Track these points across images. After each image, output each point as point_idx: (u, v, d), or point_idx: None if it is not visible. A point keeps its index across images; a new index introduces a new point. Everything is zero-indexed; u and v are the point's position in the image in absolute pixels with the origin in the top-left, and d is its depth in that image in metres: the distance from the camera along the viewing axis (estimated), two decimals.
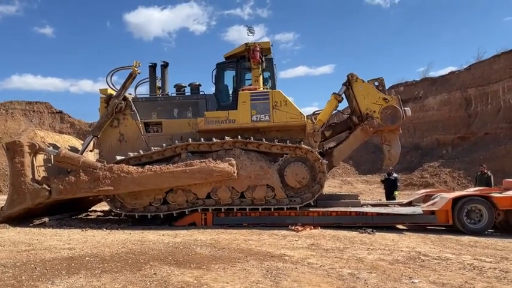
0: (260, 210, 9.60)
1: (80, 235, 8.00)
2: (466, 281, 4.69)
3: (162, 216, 9.78)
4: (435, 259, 5.92)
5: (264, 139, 9.92)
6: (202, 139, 9.97)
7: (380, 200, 13.86)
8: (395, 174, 12.48)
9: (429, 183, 24.60)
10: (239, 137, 9.91)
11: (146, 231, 8.51)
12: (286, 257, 5.90)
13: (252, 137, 9.97)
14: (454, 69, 38.89)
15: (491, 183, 11.89)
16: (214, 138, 9.91)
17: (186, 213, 9.69)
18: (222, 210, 9.68)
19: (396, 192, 12.20)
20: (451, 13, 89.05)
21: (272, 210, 9.60)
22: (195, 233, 8.19)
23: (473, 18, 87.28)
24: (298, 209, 9.56)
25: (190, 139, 10.01)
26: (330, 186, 26.44)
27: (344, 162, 38.02)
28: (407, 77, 58.11)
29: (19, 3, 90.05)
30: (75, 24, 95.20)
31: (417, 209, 9.38)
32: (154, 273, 4.82)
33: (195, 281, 4.51)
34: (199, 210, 9.66)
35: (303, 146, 9.78)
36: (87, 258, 5.63)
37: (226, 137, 9.89)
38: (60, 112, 37.69)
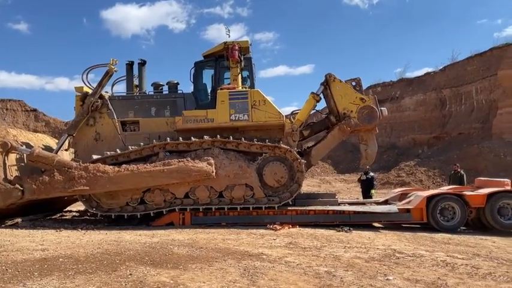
0: (239, 209, 9.56)
1: (54, 236, 7.79)
2: (438, 277, 4.80)
3: (139, 216, 9.61)
4: (410, 256, 6.03)
5: (242, 138, 9.89)
6: (180, 138, 9.86)
7: (357, 198, 14.05)
8: (371, 173, 12.68)
9: (405, 182, 25.11)
10: (218, 136, 9.85)
11: (123, 232, 8.37)
12: (264, 256, 5.90)
13: (230, 137, 9.91)
14: (430, 70, 39.89)
15: (464, 182, 12.21)
16: (192, 138, 9.81)
17: (164, 213, 9.57)
18: (200, 210, 9.58)
19: (373, 191, 12.39)
20: (427, 15, 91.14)
21: (251, 209, 9.57)
22: (173, 233, 8.10)
23: (449, 21, 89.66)
24: (276, 208, 9.57)
25: (168, 138, 9.89)
26: (309, 186, 26.65)
27: (322, 161, 38.44)
28: (385, 77, 59.23)
29: None
30: (50, 20, 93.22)
31: (393, 208, 9.55)
32: (130, 274, 4.74)
33: (172, 281, 4.45)
34: (176, 210, 9.55)
35: (281, 145, 9.80)
36: (60, 260, 5.49)
37: (205, 136, 9.81)
38: (35, 110, 36.75)
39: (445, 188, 10.79)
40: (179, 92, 11.06)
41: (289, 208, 9.60)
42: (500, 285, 4.53)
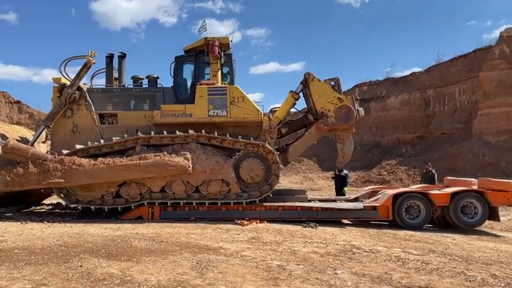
0: (207, 204, 9.69)
1: (17, 228, 7.82)
2: (385, 272, 5.01)
3: (106, 210, 9.68)
4: (366, 252, 6.24)
5: (215, 133, 10.00)
6: (165, 132, 9.92)
7: (329, 195, 14.31)
8: (345, 171, 12.92)
9: (386, 181, 25.50)
10: (191, 131, 9.92)
11: (89, 225, 8.42)
12: (222, 250, 6.04)
13: (203, 131, 9.97)
14: (415, 70, 40.42)
15: (435, 181, 12.53)
16: (165, 132, 9.89)
17: (132, 207, 9.63)
18: (169, 204, 9.68)
19: (346, 188, 12.63)
20: (418, 15, 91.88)
21: (219, 204, 9.71)
22: (139, 227, 8.19)
23: (438, 21, 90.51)
24: (244, 204, 9.73)
25: (152, 132, 9.90)
26: (292, 182, 26.92)
27: (308, 159, 38.79)
28: (373, 76, 59.67)
29: None
30: (39, 10, 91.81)
31: (358, 205, 9.78)
32: (80, 265, 4.83)
33: (120, 273, 4.57)
34: (145, 204, 9.65)
35: (252, 141, 9.93)
36: (15, 251, 5.56)
37: (177, 131, 9.88)
38: (19, 102, 36.37)
39: (415, 187, 11.08)
40: (159, 86, 11.13)
41: (257, 204, 9.77)
42: (443, 280, 4.75)
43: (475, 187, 9.76)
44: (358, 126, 40.49)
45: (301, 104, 11.53)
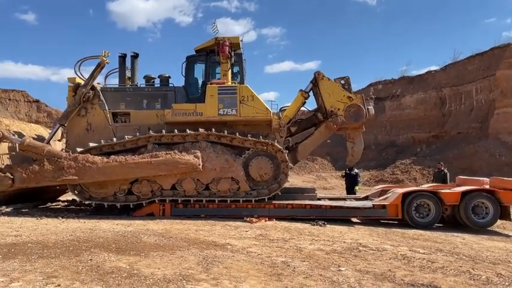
0: (216, 202, 9.82)
1: (32, 223, 8.06)
2: (389, 269, 5.03)
3: (118, 207, 9.88)
4: (372, 250, 6.26)
5: (225, 132, 10.11)
6: (176, 130, 10.08)
7: (341, 194, 14.30)
8: (356, 170, 12.89)
9: (399, 180, 25.27)
10: (202, 130, 10.06)
11: (102, 221, 8.63)
12: (229, 246, 6.14)
13: (213, 130, 10.09)
14: (432, 68, 39.88)
15: (447, 180, 12.41)
16: (176, 130, 10.06)
17: (144, 204, 9.83)
18: (179, 202, 9.83)
19: (357, 187, 12.60)
20: (435, 12, 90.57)
21: (228, 202, 9.82)
22: (150, 223, 8.35)
23: (456, 19, 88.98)
24: (253, 201, 9.82)
25: (163, 131, 10.07)
26: (305, 181, 26.90)
27: (322, 157, 38.69)
28: (388, 75, 59.07)
29: None
30: (57, 11, 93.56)
31: (367, 203, 9.78)
32: (90, 259, 4.98)
33: (128, 267, 4.70)
34: (156, 201, 9.82)
35: (262, 139, 10.02)
36: (29, 245, 5.74)
37: (187, 130, 10.03)
38: (37, 101, 37.18)
39: (426, 186, 10.99)
40: (170, 85, 11.30)
41: (267, 202, 9.86)
42: (446, 278, 4.75)
43: (487, 186, 9.64)
44: (373, 125, 40.08)
45: (312, 104, 11.60)
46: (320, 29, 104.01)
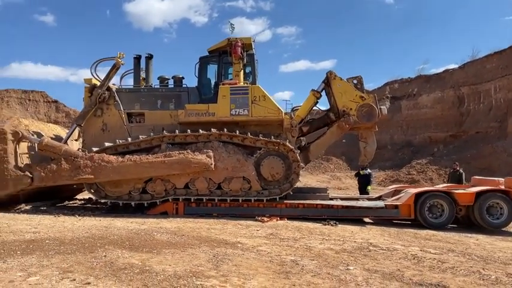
0: (228, 201, 9.93)
1: (50, 221, 8.30)
2: (398, 269, 5.04)
3: (133, 205, 10.07)
4: (382, 250, 6.26)
5: (237, 131, 10.21)
6: (188, 131, 10.22)
7: (355, 194, 14.25)
8: (369, 170, 12.84)
9: (415, 180, 24.95)
10: (214, 130, 10.19)
11: (117, 219, 8.83)
12: (239, 245, 6.22)
13: (225, 130, 10.20)
14: (450, 67, 39.22)
15: (462, 181, 12.26)
16: (189, 130, 10.20)
17: (158, 203, 10.01)
18: (192, 201, 9.97)
19: (369, 187, 12.55)
20: (453, 10, 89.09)
21: (240, 201, 9.93)
22: (163, 221, 8.51)
23: (474, 17, 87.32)
24: (265, 201, 9.90)
25: (176, 131, 10.24)
26: (319, 181, 26.86)
27: (337, 157, 38.49)
28: (405, 73, 58.40)
29: None
30: (75, 12, 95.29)
31: (379, 203, 9.74)
32: (105, 256, 5.14)
33: (140, 263, 4.83)
34: (170, 200, 9.98)
35: (273, 139, 10.09)
36: (47, 241, 5.93)
37: (200, 130, 10.16)
38: (56, 101, 37.99)
39: (440, 186, 10.88)
40: (184, 86, 11.46)
41: (278, 201, 9.93)
42: (455, 278, 4.74)
43: (503, 187, 9.49)
44: (389, 124, 39.63)
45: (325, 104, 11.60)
46: (336, 28, 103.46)
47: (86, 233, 6.75)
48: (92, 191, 10.14)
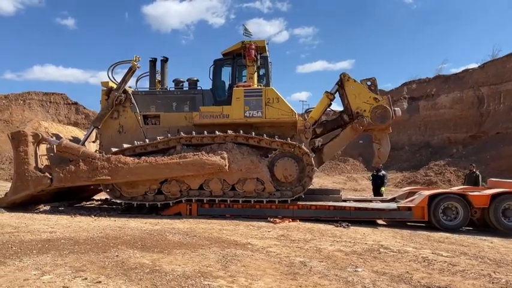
0: (240, 202, 10.03)
1: (67, 221, 8.52)
2: (407, 271, 5.03)
3: (147, 206, 10.26)
4: (393, 252, 6.24)
5: (253, 133, 10.30)
6: (205, 132, 10.34)
7: (370, 195, 14.15)
8: (383, 172, 12.74)
9: (432, 182, 24.58)
10: (230, 131, 10.29)
11: (131, 219, 9.01)
12: (250, 246, 6.29)
13: (241, 131, 10.31)
14: (470, 66, 38.45)
15: (478, 182, 12.06)
16: (205, 132, 10.34)
17: (171, 204, 10.17)
18: (205, 201, 10.10)
19: (383, 189, 12.45)
20: (474, 7, 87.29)
21: (252, 202, 10.01)
22: (176, 222, 8.65)
23: (494, 15, 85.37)
24: (276, 202, 9.96)
25: (193, 132, 10.39)
26: (335, 182, 26.70)
27: (354, 158, 38.15)
28: (423, 73, 57.56)
29: None
30: (95, 15, 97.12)
31: (391, 205, 9.68)
32: (117, 255, 5.28)
33: (150, 263, 4.95)
34: (183, 201, 10.12)
35: (289, 141, 10.14)
36: (62, 241, 6.11)
37: (217, 132, 10.28)
38: (76, 103, 38.82)
39: (455, 188, 10.74)
40: (198, 88, 11.62)
41: (291, 202, 9.96)
42: (465, 281, 4.70)
43: None
44: (406, 125, 39.06)
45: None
46: (354, 28, 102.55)
47: (100, 233, 6.92)
48: (108, 190, 10.37)
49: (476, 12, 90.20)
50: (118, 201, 10.49)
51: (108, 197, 10.73)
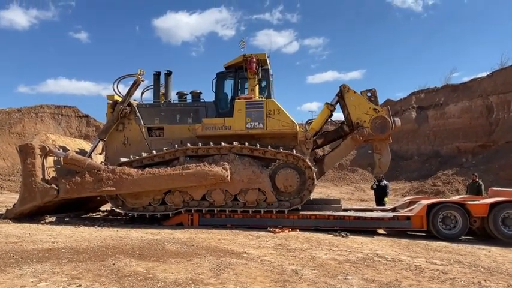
0: (239, 212, 10.17)
1: (70, 231, 8.74)
2: (396, 279, 5.09)
3: (147, 216, 10.45)
4: (387, 260, 6.29)
5: (257, 145, 10.47)
6: (211, 144, 10.56)
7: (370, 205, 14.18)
8: (385, 182, 12.78)
9: (440, 191, 24.34)
10: (236, 143, 10.50)
11: (133, 229, 9.19)
12: (245, 255, 6.41)
13: (245, 143, 10.50)
14: (479, 75, 38.25)
15: (481, 192, 12.02)
16: (211, 143, 10.54)
17: (170, 215, 10.35)
18: (204, 212, 10.26)
19: (386, 199, 12.47)
20: (487, 16, 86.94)
21: (250, 212, 10.14)
22: (177, 232, 8.80)
23: (502, 23, 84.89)
24: (274, 212, 10.08)
25: (200, 144, 10.65)
26: (342, 193, 26.66)
27: (363, 169, 38.01)
28: (432, 83, 57.29)
29: (54, 8, 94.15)
30: (107, 29, 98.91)
31: (388, 214, 9.73)
32: (113, 264, 5.44)
33: (145, 271, 5.10)
34: (183, 212, 10.30)
35: (294, 153, 10.28)
36: (62, 250, 6.30)
37: (222, 143, 10.48)
38: (86, 116, 39.49)
39: (456, 198, 10.73)
40: (201, 100, 11.87)
41: (290, 212, 10.06)
42: None
43: None
44: (415, 135, 38.82)
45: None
46: (364, 38, 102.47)
47: (101, 243, 7.10)
48: (111, 199, 10.61)
49: (486, 22, 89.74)
50: (119, 210, 10.69)
51: (111, 206, 10.95)
